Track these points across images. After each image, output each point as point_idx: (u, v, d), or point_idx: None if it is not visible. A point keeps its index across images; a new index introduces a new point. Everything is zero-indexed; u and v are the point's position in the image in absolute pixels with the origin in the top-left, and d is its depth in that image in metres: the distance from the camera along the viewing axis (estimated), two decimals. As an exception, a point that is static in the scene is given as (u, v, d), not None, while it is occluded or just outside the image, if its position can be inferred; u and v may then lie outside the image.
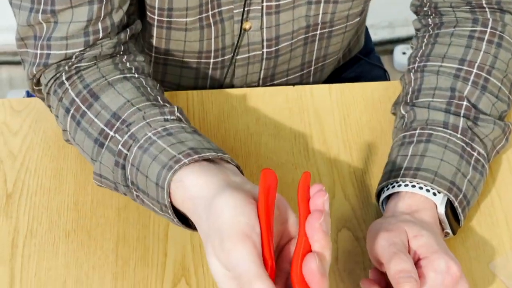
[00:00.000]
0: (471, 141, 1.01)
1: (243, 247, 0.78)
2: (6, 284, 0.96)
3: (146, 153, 0.91)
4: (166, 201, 0.88)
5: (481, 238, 1.02)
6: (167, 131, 0.93)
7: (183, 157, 0.88)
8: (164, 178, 0.88)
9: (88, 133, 0.97)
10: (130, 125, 0.94)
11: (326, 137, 1.12)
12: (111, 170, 0.94)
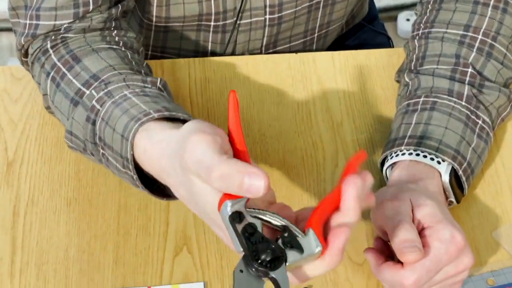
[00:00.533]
0: (476, 109, 1.00)
1: (204, 140, 0.72)
2: (8, 252, 0.96)
3: (118, 107, 0.87)
4: (129, 154, 0.84)
5: (484, 206, 1.00)
6: (144, 92, 0.90)
7: (153, 112, 0.84)
8: (130, 130, 0.84)
9: (66, 93, 0.95)
10: (109, 83, 0.92)
11: (329, 104, 1.10)
12: (81, 126, 0.91)
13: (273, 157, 1.05)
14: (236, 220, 0.71)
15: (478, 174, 1.02)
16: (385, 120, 1.08)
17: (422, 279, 0.86)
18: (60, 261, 0.95)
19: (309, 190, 1.02)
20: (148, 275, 0.94)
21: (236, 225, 0.70)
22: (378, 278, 0.90)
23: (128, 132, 0.84)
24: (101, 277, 0.94)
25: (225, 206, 0.71)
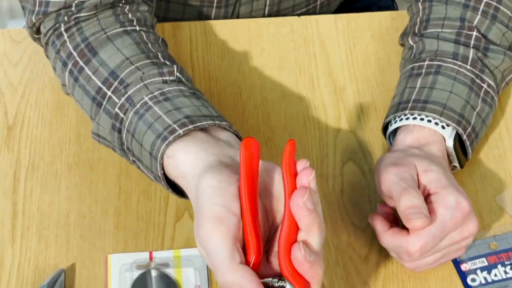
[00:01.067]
0: (481, 73, 0.97)
1: (217, 233, 0.75)
2: (9, 217, 0.94)
3: (141, 120, 0.87)
4: (159, 173, 0.85)
5: (488, 170, 0.99)
6: (164, 95, 0.88)
7: (178, 127, 0.84)
8: (158, 149, 0.84)
9: (86, 91, 0.93)
10: (128, 86, 0.90)
11: (332, 68, 1.08)
12: (108, 132, 0.91)
13: (275, 122, 1.03)
14: None
15: (482, 139, 1.00)
16: (389, 84, 1.06)
17: (427, 246, 0.85)
18: (61, 226, 0.93)
19: (311, 155, 1.00)
20: (150, 240, 0.93)
21: None
22: (383, 244, 0.89)
23: (156, 151, 0.84)
24: (102, 242, 0.92)
25: None
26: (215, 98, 1.05)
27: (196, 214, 0.77)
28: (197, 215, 0.77)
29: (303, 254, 0.73)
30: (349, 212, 0.95)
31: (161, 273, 0.90)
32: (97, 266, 0.91)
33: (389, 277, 0.90)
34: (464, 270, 0.91)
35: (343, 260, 0.92)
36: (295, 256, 0.74)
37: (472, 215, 0.86)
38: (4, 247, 0.92)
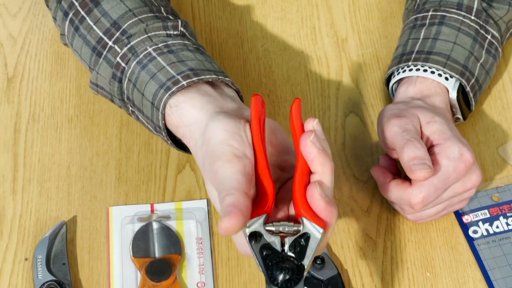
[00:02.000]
0: (485, 24, 0.95)
1: (231, 166, 0.73)
2: (10, 169, 0.93)
3: (144, 70, 0.85)
4: (161, 123, 0.83)
5: (491, 122, 0.98)
6: (168, 47, 0.86)
7: (182, 79, 0.82)
8: (160, 99, 0.82)
9: (86, 40, 0.90)
10: (131, 37, 0.88)
11: (334, 19, 1.06)
12: (107, 81, 0.89)
13: (277, 73, 1.01)
14: (254, 241, 0.71)
15: (485, 90, 0.99)
16: (391, 35, 1.04)
17: (430, 197, 0.84)
18: (62, 178, 0.93)
19: (314, 107, 0.99)
20: (151, 192, 0.92)
21: (255, 246, 0.71)
22: (385, 196, 0.88)
23: (159, 101, 0.82)
24: (104, 194, 0.92)
25: (243, 230, 0.72)
26: (217, 49, 1.03)
27: (206, 157, 0.76)
28: (207, 158, 0.75)
29: (319, 192, 0.72)
30: (351, 164, 0.94)
31: (163, 225, 0.89)
32: (98, 218, 0.90)
33: (391, 229, 0.90)
34: (465, 222, 0.90)
35: (344, 213, 0.91)
36: (312, 194, 0.72)
37: (475, 167, 0.85)
38: (5, 199, 0.91)
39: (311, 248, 0.71)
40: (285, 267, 0.70)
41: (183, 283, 0.86)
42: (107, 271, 0.87)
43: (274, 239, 0.71)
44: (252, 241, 0.71)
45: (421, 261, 0.88)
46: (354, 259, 0.88)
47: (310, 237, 0.71)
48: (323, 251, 0.86)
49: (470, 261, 0.88)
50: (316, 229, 0.71)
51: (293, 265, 0.70)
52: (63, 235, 0.88)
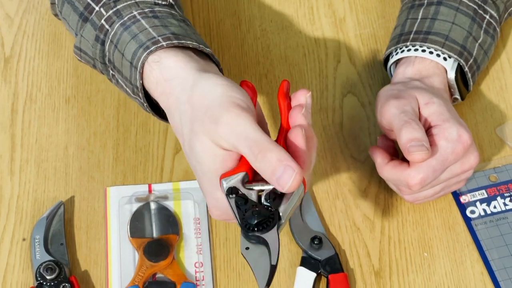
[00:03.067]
0: (483, 3, 0.94)
1: (246, 117, 0.72)
2: (7, 150, 0.92)
3: (126, 31, 0.83)
4: (138, 82, 0.81)
5: (488, 102, 0.97)
6: (153, 13, 0.85)
7: (162, 40, 0.80)
8: (138, 58, 0.80)
9: (74, 7, 0.89)
10: (118, 1, 0.86)
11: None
12: (91, 45, 0.87)
13: (275, 53, 1.00)
14: (231, 195, 0.72)
15: (483, 70, 0.98)
16: (389, 15, 1.03)
17: (428, 178, 0.83)
18: (60, 159, 0.92)
19: (311, 87, 0.98)
20: (149, 172, 0.91)
21: (231, 199, 0.72)
22: (383, 176, 0.87)
23: (137, 60, 0.80)
24: (101, 174, 0.91)
25: (222, 185, 0.73)
26: (214, 29, 1.02)
27: (200, 112, 0.73)
28: (202, 112, 0.73)
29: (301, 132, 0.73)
30: (349, 145, 0.94)
31: (160, 205, 0.88)
32: (96, 198, 0.89)
33: (388, 210, 0.89)
34: (463, 202, 0.90)
35: (342, 193, 0.90)
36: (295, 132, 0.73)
37: (473, 148, 0.84)
38: (3, 179, 0.90)
39: (287, 198, 0.71)
40: (258, 211, 0.70)
41: (181, 263, 0.85)
42: (105, 251, 0.86)
43: (251, 193, 0.72)
44: (228, 195, 0.72)
45: (418, 241, 0.87)
46: (351, 240, 0.87)
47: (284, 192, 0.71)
48: (320, 231, 0.86)
49: (467, 241, 0.87)
50: None
51: (266, 211, 0.71)
52: (61, 215, 0.87)
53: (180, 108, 0.76)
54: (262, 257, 0.70)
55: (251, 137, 0.71)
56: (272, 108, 0.95)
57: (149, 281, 0.83)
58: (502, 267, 0.85)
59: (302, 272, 0.84)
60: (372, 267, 0.86)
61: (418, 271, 0.85)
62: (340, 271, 0.84)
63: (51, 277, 0.82)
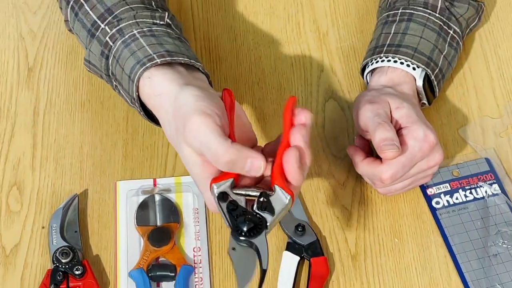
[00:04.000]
0: (448, 20, 0.91)
1: (208, 124, 0.69)
2: (30, 148, 0.90)
3: (126, 48, 0.81)
4: (134, 94, 0.79)
5: (452, 106, 0.94)
6: (151, 32, 0.82)
7: (157, 57, 0.78)
8: (135, 73, 0.78)
9: (83, 24, 0.86)
10: (121, 20, 0.84)
11: (316, 16, 1.02)
12: (97, 58, 0.85)
13: (265, 63, 0.97)
14: (221, 200, 0.69)
15: (448, 78, 0.95)
16: (366, 30, 1.00)
17: (398, 173, 0.81)
18: (75, 156, 0.89)
19: (298, 93, 0.95)
20: (154, 168, 0.89)
21: (221, 204, 0.68)
22: (359, 172, 0.85)
23: (134, 74, 0.78)
24: (112, 170, 0.88)
25: (212, 190, 0.70)
26: (213, 42, 0.99)
27: (179, 121, 0.71)
28: (179, 121, 0.71)
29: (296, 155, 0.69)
30: (330, 144, 0.91)
31: (164, 197, 0.86)
32: (107, 191, 0.87)
33: (364, 201, 0.87)
34: (429, 194, 0.87)
35: (323, 186, 0.88)
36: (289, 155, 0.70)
37: (438, 147, 0.82)
38: (25, 174, 0.88)
39: (277, 209, 0.69)
40: (249, 218, 0.68)
41: (181, 248, 0.83)
42: (114, 238, 0.84)
43: (240, 198, 0.69)
44: (220, 200, 0.69)
45: (390, 228, 0.85)
46: (331, 227, 0.85)
47: (278, 201, 0.69)
48: (304, 220, 0.85)
49: (432, 228, 0.85)
50: (285, 195, 0.69)
51: (256, 218, 0.68)
52: (75, 206, 0.85)
53: (169, 119, 0.74)
54: (247, 260, 0.68)
55: (210, 144, 0.68)
56: (263, 112, 0.93)
57: (152, 264, 0.81)
58: (462, 251, 0.84)
59: (287, 256, 0.82)
60: (349, 252, 0.84)
61: (389, 254, 0.84)
62: (321, 255, 0.82)
63: (66, 261, 0.81)
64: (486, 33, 1.00)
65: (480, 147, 0.91)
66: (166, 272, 0.81)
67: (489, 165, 0.89)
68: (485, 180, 0.88)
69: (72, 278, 0.80)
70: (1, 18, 1.00)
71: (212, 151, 0.68)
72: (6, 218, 0.85)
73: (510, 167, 0.89)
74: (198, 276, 0.81)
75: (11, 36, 0.98)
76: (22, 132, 0.91)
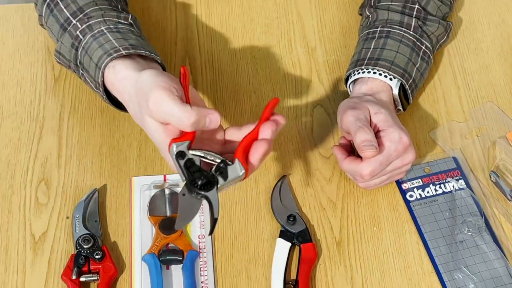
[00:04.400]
0: (420, 37, 0.93)
1: (168, 95, 0.72)
2: (56, 148, 0.91)
3: (95, 41, 0.84)
4: (100, 79, 0.82)
5: (424, 112, 0.96)
6: (117, 29, 0.86)
7: (122, 49, 0.82)
8: (102, 61, 0.82)
9: (57, 19, 0.89)
10: (90, 18, 0.87)
11: (306, 33, 1.03)
12: (68, 49, 0.88)
13: (261, 75, 0.99)
14: (180, 158, 0.72)
15: (420, 88, 0.97)
16: (350, 45, 1.01)
17: (376, 170, 0.83)
18: (95, 155, 0.91)
19: (289, 100, 0.97)
20: (164, 166, 0.90)
21: (180, 161, 0.71)
22: (342, 169, 0.87)
23: (101, 63, 0.82)
24: (128, 167, 0.90)
25: (172, 148, 0.72)
26: (216, 56, 1.00)
27: (141, 98, 0.74)
28: (142, 98, 0.74)
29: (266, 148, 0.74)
30: (317, 144, 0.93)
31: (173, 191, 0.87)
32: (123, 186, 0.88)
33: (347, 194, 0.89)
34: (404, 189, 0.89)
35: (311, 182, 0.89)
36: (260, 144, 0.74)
37: (411, 147, 0.84)
38: (52, 171, 0.89)
39: (231, 177, 0.72)
40: (205, 175, 0.71)
41: (187, 235, 0.85)
42: (129, 226, 0.85)
43: (196, 158, 0.72)
44: (178, 157, 0.71)
45: (370, 218, 0.87)
46: (318, 217, 0.87)
47: (234, 171, 0.72)
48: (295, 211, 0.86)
49: (407, 218, 0.87)
50: (240, 168, 0.72)
51: (210, 177, 0.71)
52: (95, 199, 0.86)
53: (131, 100, 0.77)
54: (191, 206, 0.71)
55: (172, 110, 0.71)
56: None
57: (163, 249, 0.83)
58: (433, 238, 0.85)
59: (280, 242, 0.84)
60: (334, 238, 0.85)
61: (369, 241, 0.85)
62: (310, 241, 0.84)
63: (87, 246, 0.82)
64: (453, 48, 1.02)
65: (448, 147, 0.92)
66: (174, 257, 0.82)
67: (456, 163, 0.90)
68: (453, 176, 0.89)
69: (92, 262, 0.81)
70: (31, 36, 1.01)
71: (176, 116, 0.71)
72: (35, 209, 0.86)
73: (474, 164, 0.90)
74: (202, 260, 0.83)
75: (40, 51, 0.99)
76: (49, 134, 0.92)
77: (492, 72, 0.99)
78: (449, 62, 1.00)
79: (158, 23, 1.02)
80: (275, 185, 0.88)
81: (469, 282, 0.81)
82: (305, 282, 0.81)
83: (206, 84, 0.97)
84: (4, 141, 0.91)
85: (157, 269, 0.81)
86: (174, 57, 0.99)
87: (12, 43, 1.00)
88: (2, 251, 0.83)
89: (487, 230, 0.85)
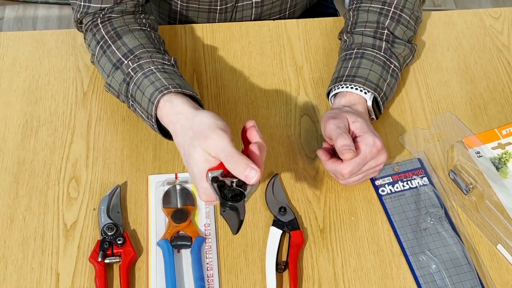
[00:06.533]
0: (390, 57, 0.92)
1: (225, 137, 0.72)
2: (84, 151, 0.90)
3: (146, 78, 0.83)
4: (153, 112, 0.80)
5: (393, 120, 0.95)
6: (164, 69, 0.84)
7: (171, 87, 0.80)
8: (155, 97, 0.80)
9: (110, 59, 0.88)
10: (140, 59, 0.85)
11: (294, 54, 1.02)
12: (118, 84, 0.86)
13: (257, 89, 0.98)
14: (214, 181, 0.72)
15: (390, 100, 0.96)
16: (331, 64, 1.00)
17: (354, 170, 0.82)
18: (118, 157, 0.89)
19: (280, 111, 0.95)
20: (176, 166, 0.88)
21: (213, 184, 0.71)
22: (326, 168, 0.85)
23: (154, 98, 0.80)
24: (145, 167, 0.88)
25: (208, 175, 0.73)
26: (219, 73, 0.99)
27: (198, 133, 0.73)
28: (199, 133, 0.73)
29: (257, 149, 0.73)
30: (304, 148, 0.91)
31: (183, 187, 0.86)
32: (141, 183, 0.87)
33: (330, 190, 0.87)
34: (377, 185, 0.88)
35: (299, 179, 0.88)
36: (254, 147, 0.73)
37: (383, 150, 0.83)
38: (81, 171, 0.88)
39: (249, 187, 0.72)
40: (233, 190, 0.71)
41: (195, 224, 0.83)
42: (146, 217, 0.84)
43: (226, 181, 0.72)
44: (212, 181, 0.72)
45: (348, 209, 0.85)
46: (306, 208, 0.85)
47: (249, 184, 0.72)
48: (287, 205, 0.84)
49: (379, 209, 0.86)
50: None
51: (237, 191, 0.71)
52: (118, 193, 0.85)
53: (184, 131, 0.76)
54: (233, 217, 0.72)
55: (227, 151, 0.70)
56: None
57: (174, 236, 0.82)
58: (401, 226, 0.84)
59: (273, 230, 0.82)
60: (318, 227, 0.84)
61: (347, 229, 0.84)
62: (298, 229, 0.82)
63: (111, 234, 0.81)
64: (418, 66, 1.00)
65: (414, 150, 0.91)
66: (184, 242, 0.81)
67: (420, 163, 0.89)
68: (418, 174, 0.88)
69: (115, 246, 0.80)
70: (64, 56, 0.99)
71: (227, 152, 0.70)
72: (67, 202, 0.85)
73: (436, 164, 0.89)
74: (208, 245, 0.82)
75: (71, 69, 0.98)
76: (79, 139, 0.91)
77: (451, 87, 0.98)
78: (414, 78, 0.99)
79: (170, 46, 1.01)
80: (269, 181, 0.87)
81: (431, 263, 0.80)
82: (294, 263, 0.80)
83: (211, 97, 0.96)
84: (41, 145, 0.90)
85: (170, 252, 0.80)
86: (184, 74, 0.98)
87: (48, 62, 0.99)
88: (39, 237, 0.82)
89: (447, 220, 0.84)
